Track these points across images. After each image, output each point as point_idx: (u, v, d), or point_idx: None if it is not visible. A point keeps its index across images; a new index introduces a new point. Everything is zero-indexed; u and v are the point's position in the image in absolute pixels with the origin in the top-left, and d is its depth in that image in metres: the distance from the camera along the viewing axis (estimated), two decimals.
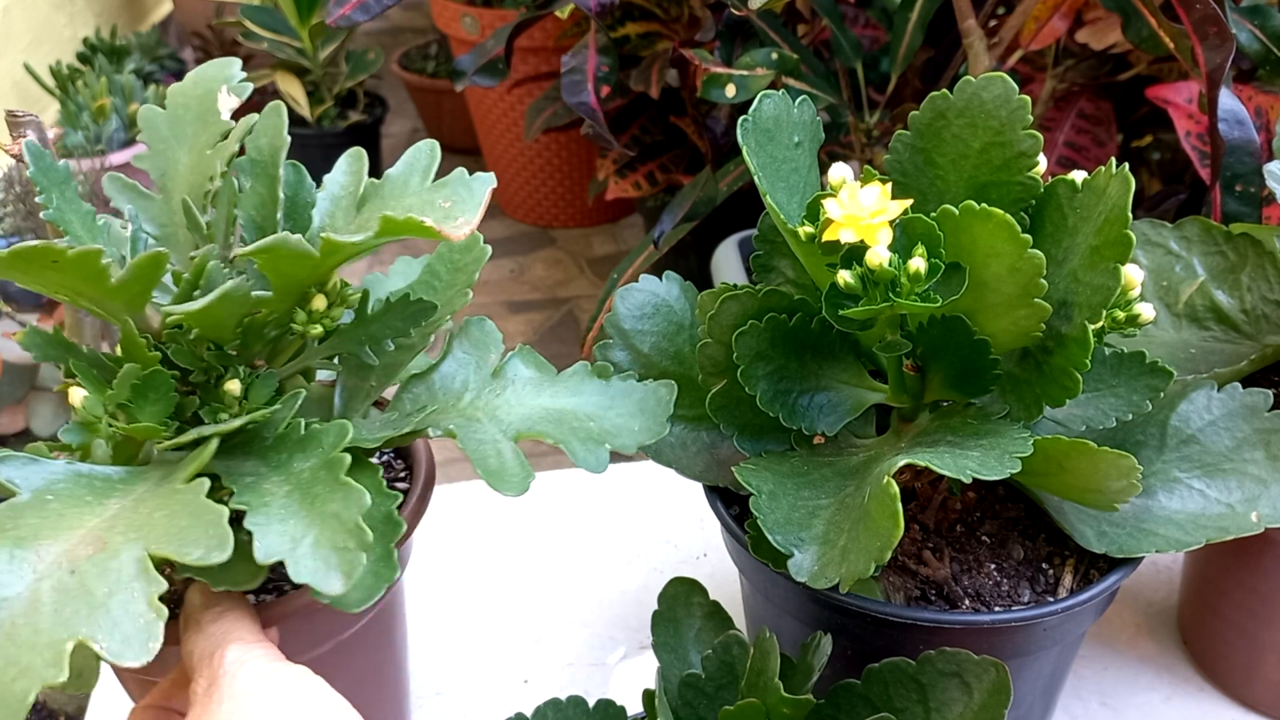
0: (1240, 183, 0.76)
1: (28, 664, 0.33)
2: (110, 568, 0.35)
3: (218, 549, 0.35)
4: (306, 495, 0.39)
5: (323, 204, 0.49)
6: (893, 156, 0.49)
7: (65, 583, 0.35)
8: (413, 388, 0.51)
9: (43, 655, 0.33)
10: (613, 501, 0.83)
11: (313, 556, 0.37)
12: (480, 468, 0.44)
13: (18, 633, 0.34)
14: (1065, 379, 0.44)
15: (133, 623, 0.34)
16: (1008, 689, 0.45)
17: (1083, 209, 0.45)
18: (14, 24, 2.06)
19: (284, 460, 0.42)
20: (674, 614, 0.53)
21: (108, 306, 0.41)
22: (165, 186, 0.49)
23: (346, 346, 0.48)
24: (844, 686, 0.47)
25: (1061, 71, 1.36)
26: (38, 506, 0.38)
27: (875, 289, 0.43)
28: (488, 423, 0.47)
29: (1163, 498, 0.50)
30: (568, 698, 0.52)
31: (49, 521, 0.37)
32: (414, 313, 0.48)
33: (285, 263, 0.41)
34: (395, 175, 0.48)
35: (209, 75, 0.50)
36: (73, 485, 0.40)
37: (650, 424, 0.48)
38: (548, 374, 0.50)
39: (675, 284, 0.57)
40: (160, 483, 0.41)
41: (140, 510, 0.38)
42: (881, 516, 0.40)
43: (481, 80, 1.54)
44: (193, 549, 0.35)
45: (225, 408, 0.44)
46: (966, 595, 0.51)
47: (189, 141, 0.49)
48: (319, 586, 0.36)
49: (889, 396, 0.51)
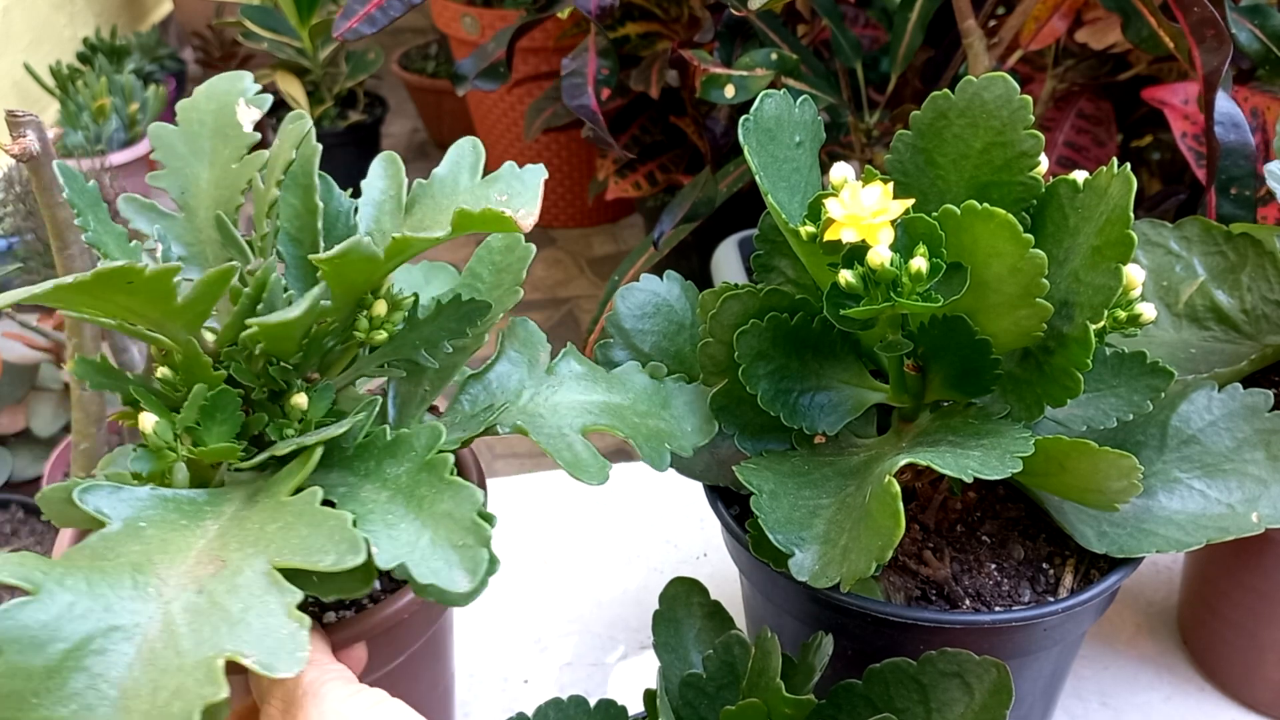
0: (1236, 185, 0.76)
1: (178, 686, 0.32)
2: (238, 584, 0.35)
3: (350, 553, 0.35)
4: (411, 499, 0.39)
5: (366, 210, 0.49)
6: (894, 156, 0.49)
7: (195, 603, 0.35)
8: (470, 389, 0.51)
9: (193, 675, 0.32)
10: (613, 501, 0.83)
11: (434, 557, 0.37)
12: (558, 459, 0.46)
13: (158, 658, 0.33)
14: (1066, 379, 0.44)
15: (277, 634, 0.34)
16: (1009, 689, 0.45)
17: (1084, 209, 0.45)
18: (14, 24, 2.06)
19: (373, 468, 0.42)
20: (675, 614, 0.53)
21: (168, 328, 0.40)
22: (188, 204, 0.49)
23: (402, 352, 0.47)
24: (845, 687, 0.47)
25: (1061, 71, 1.36)
26: (133, 534, 0.37)
27: (876, 289, 0.43)
28: (551, 418, 0.48)
29: (1163, 498, 0.50)
30: (569, 697, 0.52)
31: (154, 547, 0.37)
32: (468, 313, 0.47)
33: (353, 269, 0.41)
34: (443, 175, 0.48)
35: (221, 89, 0.50)
36: (162, 511, 0.39)
37: (703, 425, 0.50)
38: (598, 371, 0.52)
39: (676, 283, 0.57)
40: (251, 500, 0.41)
41: (247, 527, 0.38)
42: (883, 516, 0.40)
43: (483, 84, 1.54)
44: (323, 556, 0.35)
45: (290, 423, 0.43)
46: (967, 595, 0.51)
47: (208, 157, 0.49)
48: (446, 585, 0.37)
49: (890, 396, 0.51)
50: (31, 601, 0.33)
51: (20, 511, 1.37)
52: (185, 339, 0.41)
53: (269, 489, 0.41)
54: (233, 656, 0.33)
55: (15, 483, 1.47)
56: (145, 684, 0.33)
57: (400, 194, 0.49)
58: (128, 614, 0.34)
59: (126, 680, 0.33)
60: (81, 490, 0.38)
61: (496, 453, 1.82)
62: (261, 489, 0.42)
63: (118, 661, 0.33)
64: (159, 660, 0.33)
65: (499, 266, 0.52)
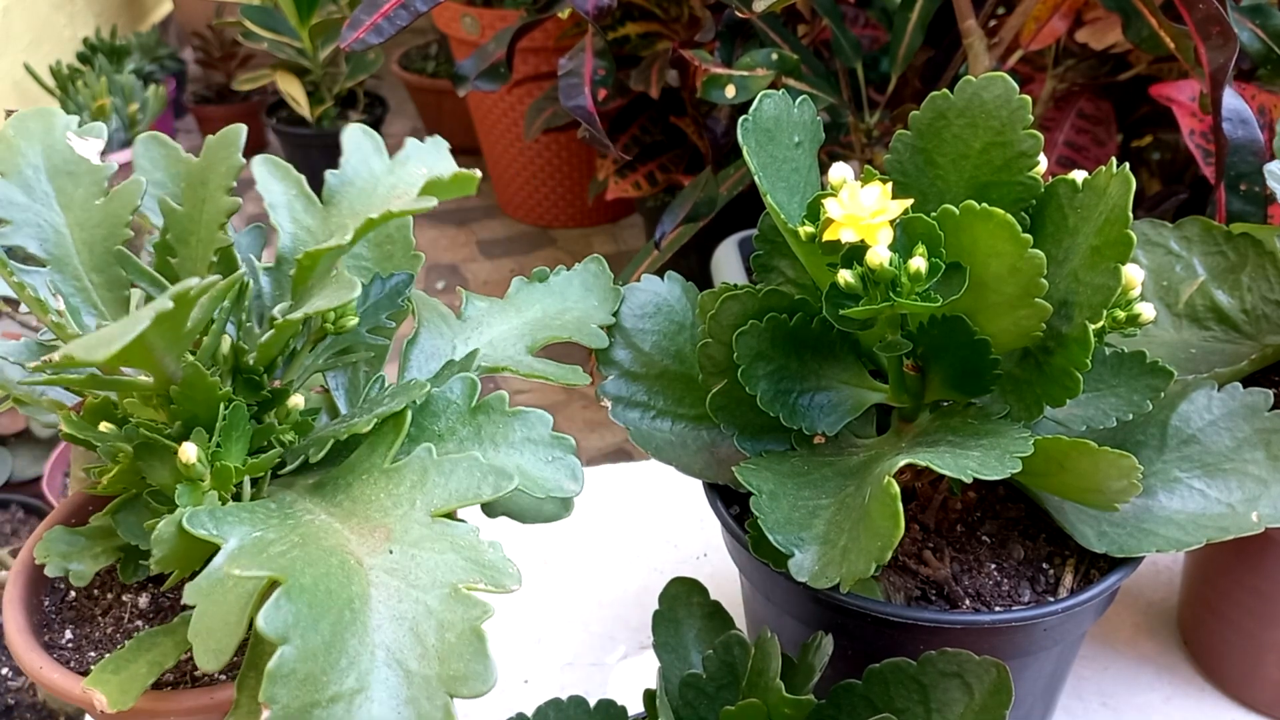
0: (1245, 181, 0.76)
1: (440, 621, 0.34)
2: (418, 537, 0.37)
3: (504, 479, 0.38)
4: (481, 439, 0.43)
5: (278, 213, 0.48)
6: (893, 156, 0.49)
7: (397, 562, 0.36)
8: (411, 356, 0.51)
9: (449, 609, 0.35)
10: (613, 501, 0.83)
11: (540, 474, 0.42)
12: (546, 376, 0.50)
13: (403, 612, 0.35)
14: (1066, 379, 0.44)
15: (484, 560, 0.36)
16: (1009, 689, 0.45)
17: (1083, 209, 0.45)
18: (14, 24, 2.06)
19: (414, 433, 0.43)
20: (675, 614, 0.53)
21: (165, 360, 0.39)
22: (53, 254, 0.46)
23: (344, 341, 0.47)
24: (845, 687, 0.47)
25: (1061, 71, 1.36)
26: (263, 544, 0.37)
27: (876, 288, 0.43)
28: (498, 353, 0.51)
29: (1163, 498, 0.50)
30: (569, 697, 0.52)
31: (300, 543, 0.37)
32: (396, 287, 0.48)
33: (327, 261, 0.42)
34: (354, 163, 0.48)
35: (34, 129, 0.47)
36: (264, 521, 0.39)
37: (605, 295, 0.55)
38: (496, 302, 0.54)
39: (677, 284, 0.57)
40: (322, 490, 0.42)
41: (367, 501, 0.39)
42: (882, 517, 0.40)
43: (483, 85, 1.54)
44: (481, 491, 0.38)
45: (286, 428, 0.44)
46: (967, 595, 0.50)
47: (55, 199, 0.46)
48: (562, 492, 0.41)
49: (889, 396, 0.51)
50: (290, 588, 0.34)
51: (20, 511, 1.37)
52: (181, 365, 0.40)
53: (349, 470, 0.42)
54: (467, 586, 0.35)
55: (15, 483, 1.47)
56: (404, 635, 0.35)
57: (303, 190, 0.49)
58: (354, 583, 0.35)
59: (386, 639, 0.35)
60: (189, 517, 0.37)
61: None
62: (330, 477, 0.42)
63: (370, 625, 0.35)
64: (403, 614, 0.35)
65: (376, 241, 0.52)
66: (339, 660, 0.34)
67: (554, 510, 0.43)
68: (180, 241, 0.45)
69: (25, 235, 0.46)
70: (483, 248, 2.38)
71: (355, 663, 0.34)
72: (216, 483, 0.39)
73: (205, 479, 0.40)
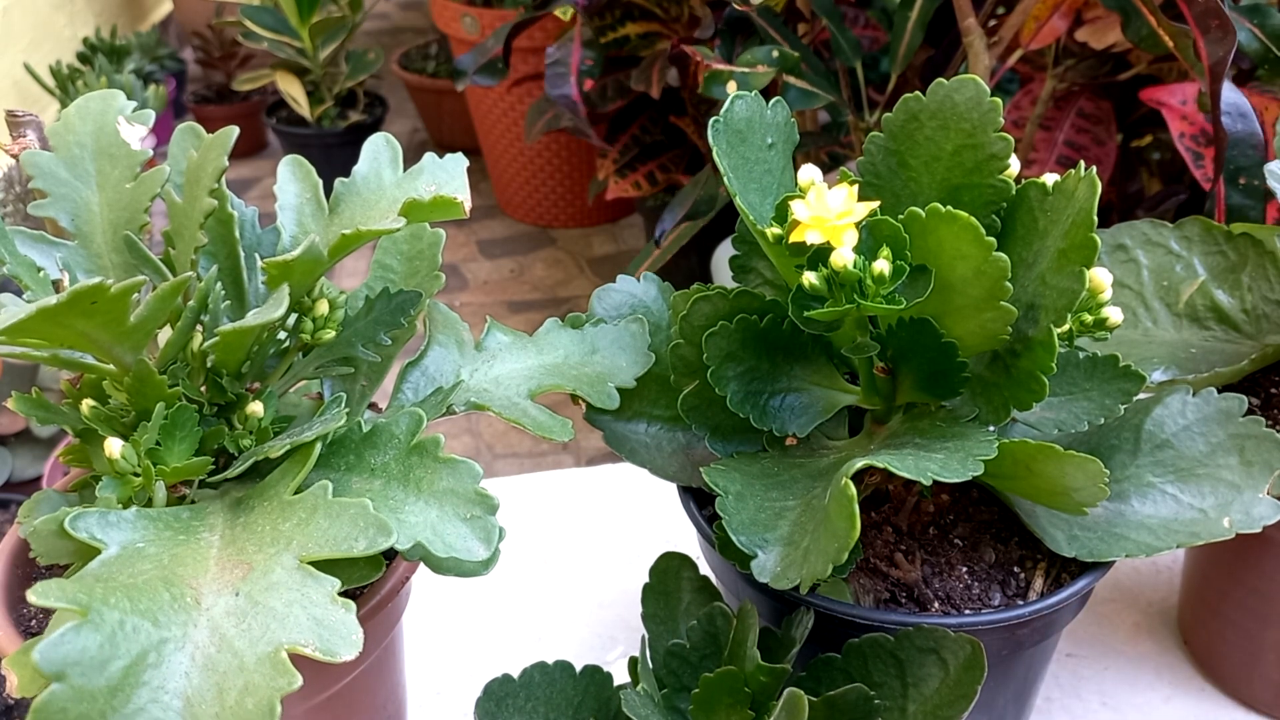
0: (1244, 175, 0.75)
1: (245, 684, 0.33)
2: (274, 582, 0.36)
3: (381, 534, 0.36)
4: (408, 482, 0.41)
5: (285, 214, 0.49)
6: (866, 158, 0.49)
7: (237, 606, 0.35)
8: (410, 377, 0.51)
9: (259, 672, 0.33)
10: (612, 501, 0.83)
11: (447, 531, 0.39)
12: (523, 424, 0.48)
13: (215, 662, 0.34)
14: (1032, 382, 0.44)
15: (328, 621, 0.35)
16: (982, 664, 0.45)
17: (1053, 212, 0.44)
18: (14, 24, 2.07)
19: (353, 461, 0.42)
20: (665, 587, 0.54)
21: (116, 350, 0.40)
22: (81, 230, 0.47)
23: (339, 351, 0.47)
24: (824, 660, 0.48)
25: (1061, 71, 1.35)
26: (137, 556, 0.37)
27: (840, 290, 0.43)
28: (498, 390, 0.50)
29: (1135, 502, 0.50)
30: (554, 661, 0.52)
31: (167, 562, 0.37)
32: (401, 304, 0.48)
33: (302, 270, 0.41)
34: (364, 172, 0.48)
35: (95, 109, 0.48)
36: (154, 530, 0.39)
37: (636, 357, 0.52)
38: (523, 337, 0.53)
39: (653, 285, 0.57)
40: (238, 508, 0.41)
41: (255, 530, 0.38)
42: (839, 518, 0.40)
43: (482, 80, 1.54)
44: (354, 542, 0.36)
45: (244, 433, 0.44)
46: (937, 598, 0.50)
47: (96, 180, 0.47)
48: (465, 556, 0.38)
49: (861, 399, 0.50)
50: (84, 624, 0.33)
51: None
52: (136, 359, 0.40)
53: (260, 493, 0.41)
54: (292, 648, 0.34)
55: (15, 483, 1.48)
56: (208, 689, 0.33)
57: (317, 195, 0.49)
58: (174, 625, 0.34)
59: (187, 689, 0.33)
60: (72, 519, 0.37)
61: (497, 452, 1.82)
62: (248, 495, 0.42)
63: (174, 672, 0.33)
64: (216, 664, 0.34)
65: (408, 255, 0.52)
66: (122, 707, 0.32)
67: (472, 566, 0.40)
68: (176, 234, 0.46)
69: (59, 209, 0.47)
70: (483, 247, 2.38)
71: (141, 712, 0.32)
72: (146, 480, 0.39)
73: (137, 474, 0.40)
